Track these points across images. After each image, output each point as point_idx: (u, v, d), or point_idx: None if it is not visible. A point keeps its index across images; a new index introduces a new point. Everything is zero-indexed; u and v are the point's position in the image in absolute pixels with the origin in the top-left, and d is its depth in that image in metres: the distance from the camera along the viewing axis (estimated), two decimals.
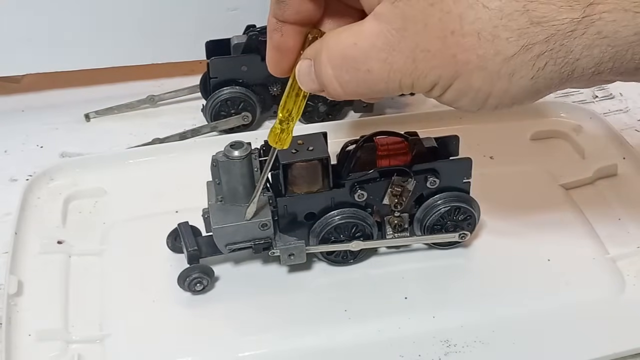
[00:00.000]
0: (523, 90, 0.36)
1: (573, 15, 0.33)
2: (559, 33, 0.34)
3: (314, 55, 0.39)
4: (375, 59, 0.36)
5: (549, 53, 0.34)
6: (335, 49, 0.38)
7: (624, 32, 0.33)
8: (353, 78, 0.37)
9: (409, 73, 0.36)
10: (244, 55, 0.62)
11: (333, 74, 0.38)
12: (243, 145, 0.46)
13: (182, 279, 0.49)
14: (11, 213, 0.55)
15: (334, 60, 0.38)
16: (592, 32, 0.34)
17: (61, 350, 0.46)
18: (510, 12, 0.34)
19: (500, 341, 0.47)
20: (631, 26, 0.33)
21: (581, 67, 0.35)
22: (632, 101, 0.70)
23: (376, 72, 0.37)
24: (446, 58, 0.35)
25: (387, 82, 0.37)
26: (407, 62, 0.36)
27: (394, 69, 0.36)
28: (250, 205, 0.47)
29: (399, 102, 0.70)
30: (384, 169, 0.48)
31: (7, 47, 0.66)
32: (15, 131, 0.67)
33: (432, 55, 0.35)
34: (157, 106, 0.69)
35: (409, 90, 0.37)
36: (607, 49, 0.34)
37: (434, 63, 0.35)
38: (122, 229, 0.55)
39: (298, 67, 0.40)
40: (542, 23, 0.34)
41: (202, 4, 0.67)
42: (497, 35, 0.34)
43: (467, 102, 0.37)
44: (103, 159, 0.60)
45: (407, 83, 0.37)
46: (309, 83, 0.40)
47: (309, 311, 0.49)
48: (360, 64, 0.37)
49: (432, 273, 0.51)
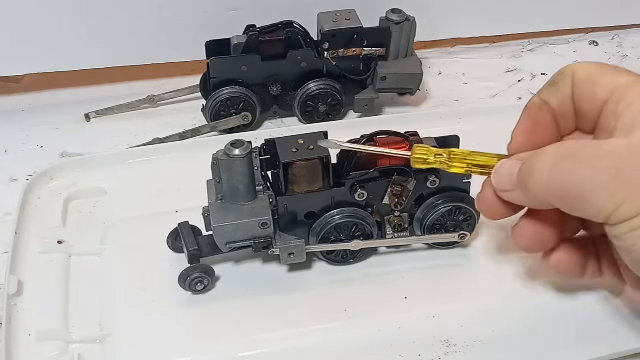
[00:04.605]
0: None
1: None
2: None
3: (532, 155, 0.39)
4: (606, 164, 0.36)
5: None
6: (570, 144, 0.39)
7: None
8: (568, 172, 0.36)
9: (625, 194, 0.35)
10: (244, 56, 0.62)
11: (551, 161, 0.37)
12: (244, 144, 0.46)
13: (183, 279, 0.49)
14: (11, 213, 0.55)
15: (564, 149, 0.38)
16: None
17: (61, 350, 0.46)
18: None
19: (500, 341, 0.47)
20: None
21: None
22: None
23: (594, 176, 0.36)
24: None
25: (594, 193, 0.36)
26: (635, 179, 0.35)
27: (616, 181, 0.35)
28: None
29: (399, 102, 0.70)
30: (384, 169, 0.48)
31: (7, 47, 0.66)
32: (15, 131, 0.67)
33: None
34: (157, 106, 0.69)
35: (599, 217, 0.36)
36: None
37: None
38: (122, 229, 0.55)
39: (502, 162, 0.41)
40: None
41: (202, 4, 0.67)
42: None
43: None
44: (103, 159, 0.60)
45: (609, 206, 0.36)
46: (503, 177, 0.40)
47: (309, 311, 0.49)
48: (587, 160, 0.36)
49: (432, 273, 0.51)
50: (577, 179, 0.36)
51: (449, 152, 0.43)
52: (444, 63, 0.76)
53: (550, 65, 0.75)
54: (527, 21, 0.77)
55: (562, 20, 0.78)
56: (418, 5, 0.68)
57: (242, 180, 0.47)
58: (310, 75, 0.64)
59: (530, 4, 0.76)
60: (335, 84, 0.65)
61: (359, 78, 0.65)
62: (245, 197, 0.48)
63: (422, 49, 0.76)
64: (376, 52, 0.64)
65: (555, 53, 0.77)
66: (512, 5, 0.75)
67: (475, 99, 0.71)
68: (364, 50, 0.64)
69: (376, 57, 0.64)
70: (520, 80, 0.74)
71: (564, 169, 0.37)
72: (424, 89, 0.71)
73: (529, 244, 0.43)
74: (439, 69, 0.75)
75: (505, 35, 0.79)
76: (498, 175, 0.41)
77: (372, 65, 0.65)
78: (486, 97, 0.71)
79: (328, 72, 0.64)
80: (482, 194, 0.43)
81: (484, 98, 0.71)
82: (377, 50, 0.64)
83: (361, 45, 0.63)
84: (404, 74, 0.65)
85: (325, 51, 0.63)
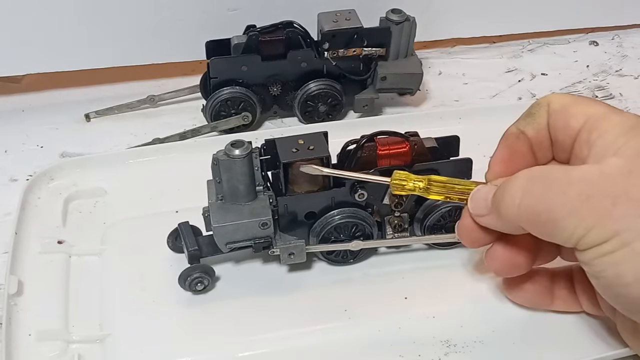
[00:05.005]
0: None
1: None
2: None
3: (506, 179, 0.40)
4: (577, 190, 0.36)
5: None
6: (542, 169, 0.39)
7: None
8: (538, 196, 0.37)
9: (594, 220, 0.35)
10: (244, 56, 0.62)
11: (522, 186, 0.38)
12: (244, 144, 0.46)
13: (183, 279, 0.49)
14: (11, 213, 0.55)
15: (535, 173, 0.38)
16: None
17: (61, 350, 0.46)
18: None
19: (500, 341, 0.47)
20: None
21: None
22: (632, 101, 0.70)
23: (565, 202, 0.36)
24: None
25: (565, 218, 0.36)
26: (604, 205, 0.35)
27: (586, 207, 0.36)
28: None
29: (399, 102, 0.70)
30: (384, 169, 0.48)
31: (7, 47, 0.66)
32: (15, 131, 0.67)
33: (637, 205, 0.35)
34: (157, 106, 0.69)
35: (569, 242, 0.37)
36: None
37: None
38: (122, 229, 0.55)
39: (479, 187, 0.42)
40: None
41: (202, 4, 0.67)
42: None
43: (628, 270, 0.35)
44: (103, 159, 0.60)
45: (579, 231, 0.36)
46: (479, 201, 0.41)
47: (309, 311, 0.49)
48: (558, 185, 0.37)
49: (432, 273, 0.51)
50: (547, 204, 0.37)
51: (427, 179, 0.44)
52: (444, 63, 0.76)
53: (550, 65, 0.75)
54: (527, 21, 0.77)
55: (562, 20, 0.78)
56: (418, 5, 0.68)
57: (242, 180, 0.47)
58: (310, 75, 0.64)
59: (530, 4, 0.75)
60: (335, 84, 0.65)
61: (359, 78, 0.65)
62: (245, 197, 0.48)
63: (422, 49, 0.76)
64: (376, 52, 0.64)
65: (555, 53, 0.77)
66: (512, 5, 0.75)
67: (475, 99, 0.71)
68: (364, 50, 0.64)
69: (376, 57, 0.64)
70: (520, 80, 0.74)
71: (535, 194, 0.37)
72: (424, 89, 0.71)
73: (501, 268, 0.44)
74: (439, 69, 0.75)
75: (505, 35, 0.79)
76: (474, 200, 0.42)
77: (372, 65, 0.65)
78: (486, 97, 0.71)
79: (328, 72, 0.64)
80: (461, 222, 0.43)
81: (484, 98, 0.71)
82: (377, 50, 0.64)
83: (361, 45, 0.63)
84: (404, 74, 0.65)
85: (325, 51, 0.63)
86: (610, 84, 0.73)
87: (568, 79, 0.73)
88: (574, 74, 0.74)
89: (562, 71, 0.74)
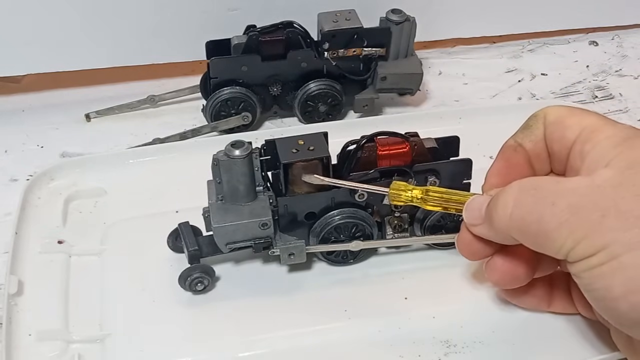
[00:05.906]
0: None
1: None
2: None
3: (500, 190, 0.40)
4: (568, 201, 0.36)
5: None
6: (534, 180, 0.39)
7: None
8: (529, 207, 0.37)
9: (584, 232, 0.35)
10: (244, 56, 0.62)
11: (514, 196, 0.38)
12: (244, 144, 0.46)
13: (183, 279, 0.49)
14: (11, 213, 0.55)
15: (526, 184, 0.38)
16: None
17: (61, 350, 0.46)
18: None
19: (500, 341, 0.47)
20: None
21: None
22: (632, 101, 0.70)
23: (555, 213, 0.36)
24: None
25: (555, 229, 0.36)
26: (593, 217, 0.35)
27: (576, 219, 0.36)
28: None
29: (399, 102, 0.70)
30: (384, 169, 0.48)
31: (7, 47, 0.66)
32: (15, 131, 0.67)
33: (625, 217, 0.35)
34: (157, 106, 0.69)
35: (559, 254, 0.37)
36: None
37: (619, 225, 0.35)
38: (122, 229, 0.55)
39: (474, 197, 0.42)
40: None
41: (202, 4, 0.67)
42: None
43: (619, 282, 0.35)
44: (103, 159, 0.60)
45: (568, 243, 0.36)
46: (473, 211, 0.41)
47: (309, 311, 0.49)
48: (548, 196, 0.36)
49: (432, 273, 0.51)
50: (537, 215, 0.37)
51: (425, 190, 0.44)
52: (444, 63, 0.76)
53: (550, 65, 0.75)
54: (527, 21, 0.77)
55: (562, 20, 0.78)
56: (418, 5, 0.68)
57: (242, 180, 0.47)
58: (310, 75, 0.64)
59: (530, 4, 0.75)
60: (335, 84, 0.65)
61: (359, 78, 0.65)
62: (246, 197, 0.48)
63: (422, 49, 0.76)
64: (376, 52, 0.64)
65: (555, 53, 0.77)
66: (512, 6, 0.75)
67: (475, 99, 0.71)
68: (364, 50, 0.64)
69: (376, 57, 0.64)
70: (520, 80, 0.74)
71: (526, 204, 0.37)
72: (424, 89, 0.71)
73: (501, 280, 0.44)
74: (439, 69, 0.75)
75: (505, 35, 0.79)
76: (469, 210, 0.42)
77: (372, 65, 0.65)
78: (486, 97, 0.71)
79: (328, 72, 0.64)
80: (460, 235, 0.43)
81: (484, 98, 0.71)
82: (377, 50, 0.64)
83: (361, 45, 0.63)
84: (404, 74, 0.65)
85: (325, 51, 0.63)
86: (610, 84, 0.73)
87: (568, 79, 0.73)
88: (574, 74, 0.74)
89: (562, 71, 0.74)
